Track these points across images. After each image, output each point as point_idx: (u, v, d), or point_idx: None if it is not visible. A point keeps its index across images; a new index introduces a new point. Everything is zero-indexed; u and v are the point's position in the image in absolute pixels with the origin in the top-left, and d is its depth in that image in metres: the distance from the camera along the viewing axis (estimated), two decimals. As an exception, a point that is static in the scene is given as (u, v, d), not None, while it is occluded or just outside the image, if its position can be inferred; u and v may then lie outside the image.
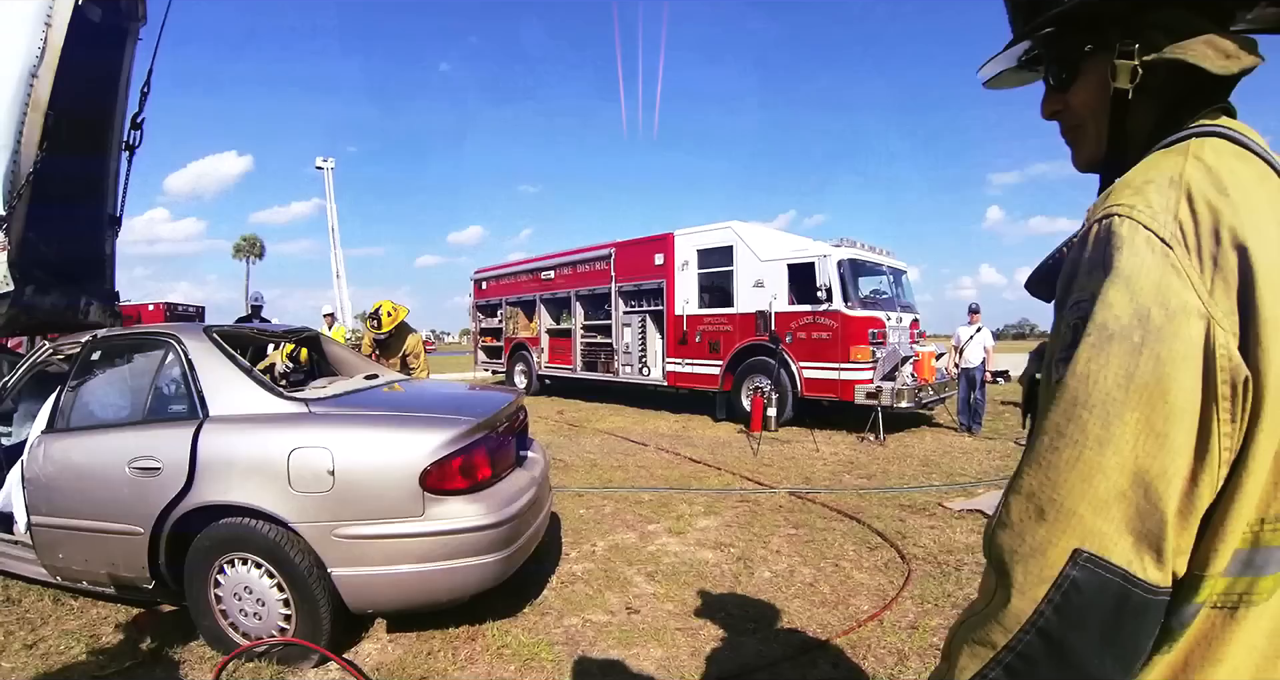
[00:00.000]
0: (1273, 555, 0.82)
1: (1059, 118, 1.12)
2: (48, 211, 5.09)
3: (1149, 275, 0.80)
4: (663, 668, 3.48)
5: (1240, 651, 0.83)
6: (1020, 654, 0.81)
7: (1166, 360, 0.77)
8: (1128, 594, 0.77)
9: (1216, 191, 0.81)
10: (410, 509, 3.36)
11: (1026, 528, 0.83)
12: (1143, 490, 0.77)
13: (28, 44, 4.63)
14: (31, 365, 4.59)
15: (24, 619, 4.08)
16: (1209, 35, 0.93)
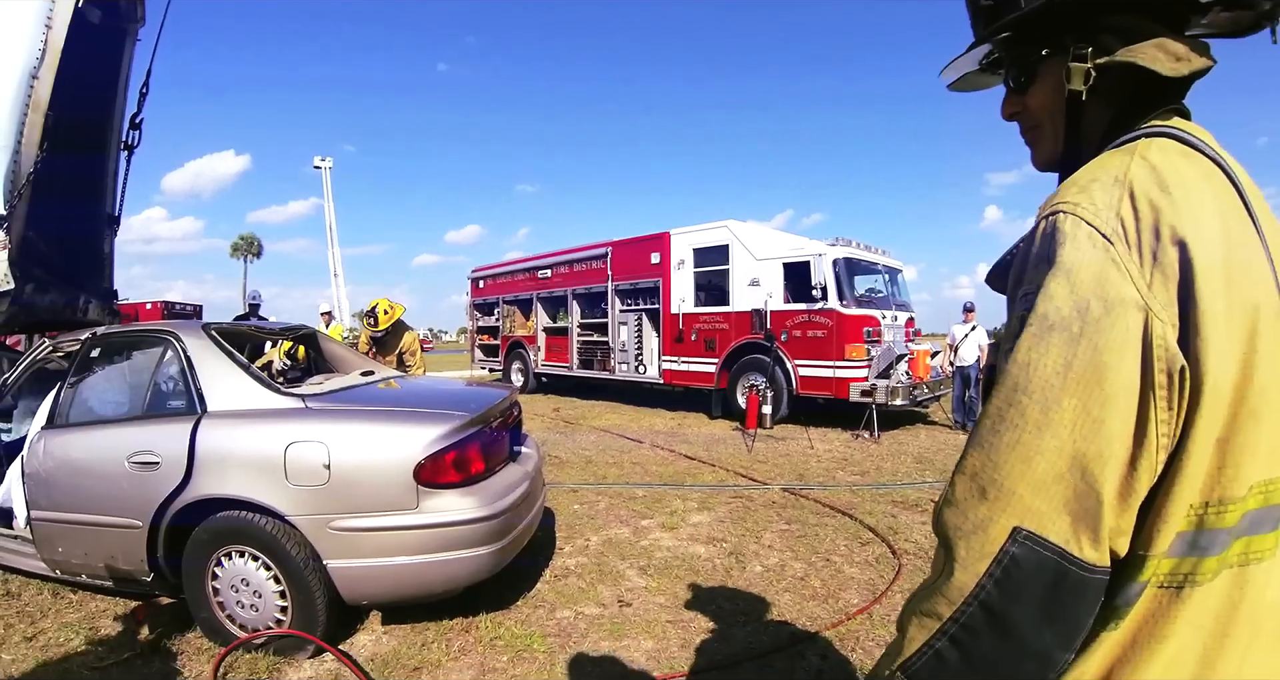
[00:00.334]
0: (1217, 537, 0.85)
1: (1018, 119, 1.16)
2: (48, 211, 5.15)
3: (1089, 269, 0.83)
4: (653, 659, 3.53)
5: (1186, 630, 0.86)
6: (964, 625, 0.84)
7: (1104, 350, 0.81)
8: (1065, 571, 0.80)
9: (1159, 190, 0.85)
10: (404, 502, 3.41)
11: (969, 506, 0.86)
12: (1079, 472, 0.80)
13: (29, 45, 4.68)
14: (31, 362, 4.64)
15: (24, 612, 4.12)
16: (1160, 39, 0.97)
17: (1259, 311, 0.84)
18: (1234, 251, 0.84)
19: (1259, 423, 0.83)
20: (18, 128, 4.69)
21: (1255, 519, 0.86)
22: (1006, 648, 0.83)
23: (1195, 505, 0.84)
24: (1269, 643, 0.90)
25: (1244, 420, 0.83)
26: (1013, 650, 0.83)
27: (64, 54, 4.80)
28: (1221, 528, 0.85)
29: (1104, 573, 0.82)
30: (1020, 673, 0.84)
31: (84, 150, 5.85)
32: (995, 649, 0.83)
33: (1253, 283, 0.85)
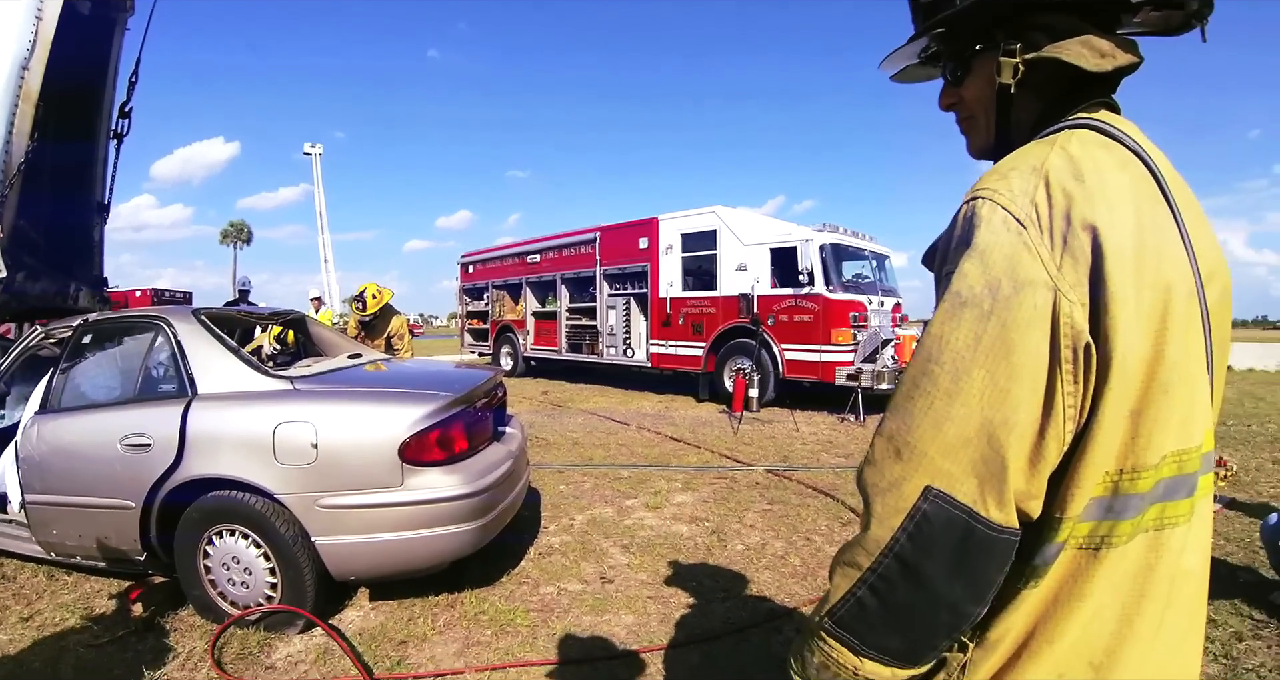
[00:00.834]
0: (1130, 502, 0.90)
1: (954, 109, 1.20)
2: (38, 199, 5.19)
3: (1002, 250, 0.88)
4: (632, 633, 3.64)
5: (1104, 589, 0.91)
6: (881, 575, 0.89)
7: (1011, 326, 0.86)
8: (972, 529, 0.85)
9: (1073, 179, 0.89)
10: (390, 479, 3.51)
11: (886, 465, 0.92)
12: (986, 438, 0.86)
13: (19, 37, 4.71)
14: (24, 349, 4.70)
15: (19, 594, 4.20)
16: (1086, 36, 1.01)
17: (1171, 292, 0.89)
18: (1145, 236, 0.89)
19: (1170, 396, 0.89)
20: (9, 118, 4.73)
21: (1169, 486, 0.93)
22: (920, 598, 0.88)
23: (1110, 472, 0.89)
24: (1188, 606, 0.98)
25: (1155, 394, 0.88)
26: (926, 600, 0.88)
27: (54, 45, 4.84)
28: (1135, 493, 0.90)
29: (1011, 533, 0.87)
30: (934, 622, 0.90)
31: (74, 139, 5.88)
32: (910, 599, 0.89)
33: (1165, 265, 0.90)
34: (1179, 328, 0.89)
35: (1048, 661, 0.93)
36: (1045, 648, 0.93)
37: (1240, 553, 4.50)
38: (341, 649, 3.33)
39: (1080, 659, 0.92)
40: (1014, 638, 0.94)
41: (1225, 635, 3.49)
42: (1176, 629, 0.97)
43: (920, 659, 0.93)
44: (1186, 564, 0.97)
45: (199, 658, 3.38)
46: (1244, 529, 4.90)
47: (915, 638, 0.92)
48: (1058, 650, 0.92)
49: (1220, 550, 4.56)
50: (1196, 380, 0.95)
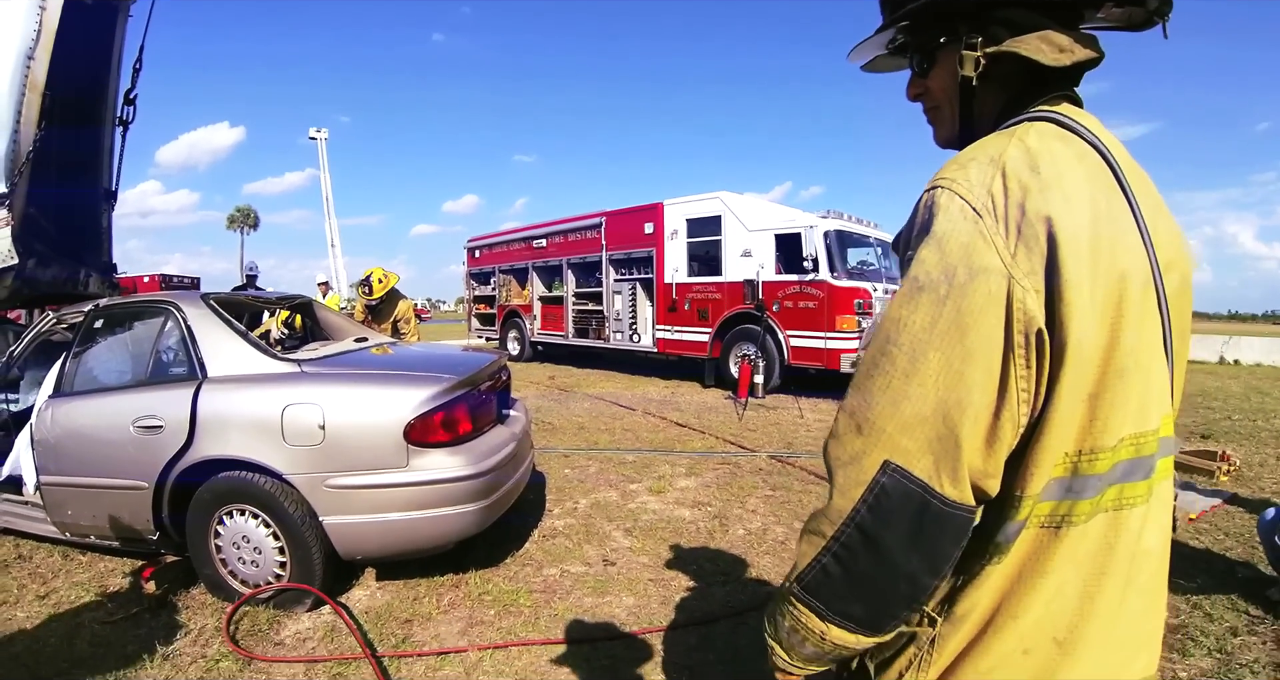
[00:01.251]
0: (1089, 482, 0.93)
1: (921, 100, 1.22)
2: (47, 187, 5.25)
3: (958, 238, 0.91)
4: (633, 614, 3.70)
5: (1065, 566, 0.94)
6: (844, 544, 0.93)
7: (966, 311, 0.89)
8: (927, 503, 0.89)
9: (1029, 170, 0.92)
10: (395, 460, 3.58)
11: (848, 440, 0.96)
12: (941, 418, 0.89)
13: (24, 27, 4.75)
14: (36, 334, 4.79)
15: (35, 573, 4.30)
16: (1045, 32, 1.04)
17: (1126, 280, 0.92)
18: (1100, 226, 0.92)
19: (1126, 381, 0.92)
20: (16, 108, 4.78)
21: (1127, 468, 0.96)
22: (880, 567, 0.92)
23: (1070, 453, 0.93)
24: (1148, 584, 1.02)
25: (1111, 378, 0.91)
26: (886, 570, 0.92)
27: (58, 34, 4.88)
28: (1093, 474, 0.93)
29: (965, 509, 0.90)
30: (893, 592, 0.94)
31: (80, 127, 5.91)
32: (870, 567, 0.93)
33: (1120, 254, 0.93)
34: (1134, 315, 0.93)
35: (1013, 636, 0.96)
36: (1010, 623, 0.96)
37: (1239, 548, 4.52)
38: (348, 627, 3.41)
39: (1044, 634, 0.96)
40: (980, 613, 0.98)
41: (1220, 630, 3.51)
42: (1137, 606, 1.01)
43: (882, 627, 0.97)
44: (1146, 543, 1.00)
45: (210, 634, 3.47)
46: (1244, 524, 4.91)
47: (876, 606, 0.96)
48: (1022, 625, 0.96)
49: (1219, 545, 4.59)
50: (1153, 366, 0.99)
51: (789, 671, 1.09)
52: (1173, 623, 3.57)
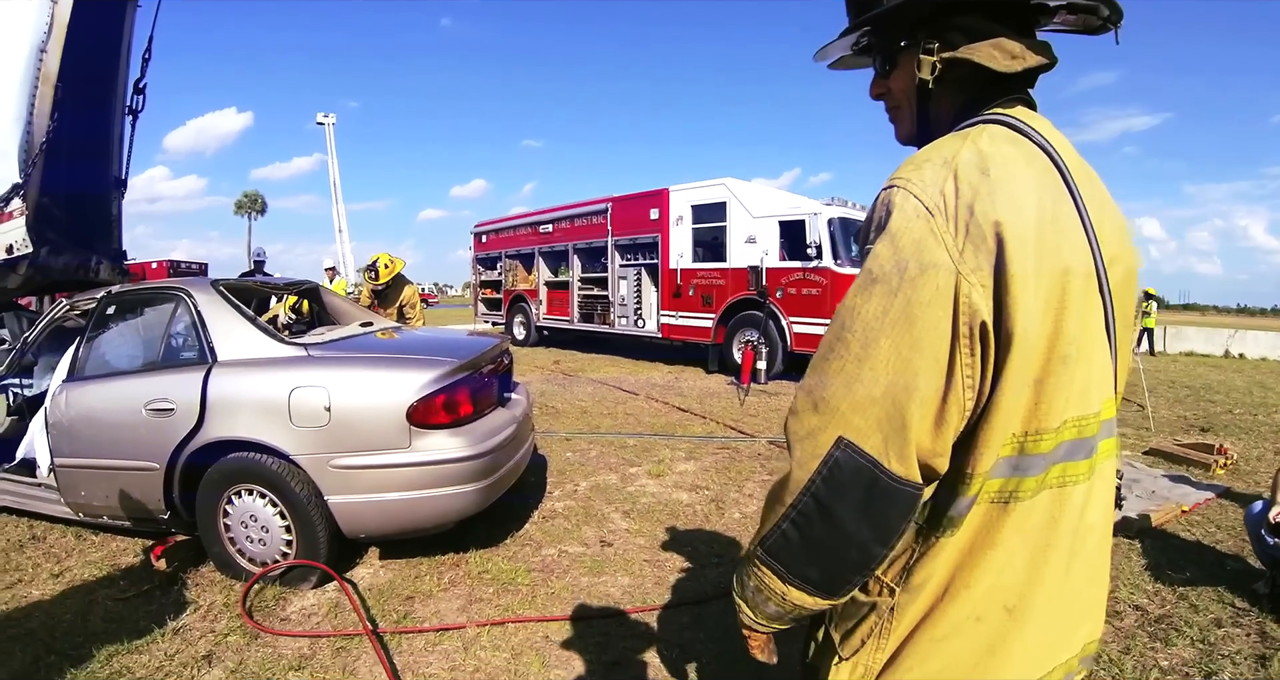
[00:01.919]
0: (1034, 462, 1.01)
1: (884, 99, 1.28)
2: (58, 177, 5.34)
3: (910, 235, 0.97)
4: (627, 594, 3.82)
5: (1014, 538, 1.02)
6: (801, 512, 1.00)
7: (914, 303, 0.94)
8: (876, 477, 0.95)
9: (979, 173, 0.97)
10: (398, 441, 3.69)
11: (805, 416, 1.02)
12: (890, 400, 0.95)
13: (36, 20, 4.84)
14: (50, 321, 4.91)
15: (49, 553, 4.42)
16: (998, 39, 1.10)
17: (1069, 275, 0.99)
18: (1045, 226, 0.97)
19: (1069, 367, 0.99)
20: (29, 100, 4.86)
21: (1070, 448, 1.04)
22: (833, 534, 0.99)
23: (1016, 434, 1.00)
24: (1092, 556, 1.12)
25: (1055, 365, 0.98)
26: (839, 537, 0.99)
27: (69, 26, 4.96)
28: (1038, 453, 1.01)
29: (911, 485, 0.96)
30: (845, 558, 1.01)
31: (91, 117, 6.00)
32: (825, 534, 0.99)
33: (1064, 251, 0.99)
34: (1077, 306, 1.00)
35: (966, 604, 1.04)
36: (964, 592, 1.04)
37: (1230, 541, 4.57)
38: (351, 604, 3.53)
39: (995, 602, 1.04)
40: (936, 583, 1.05)
41: (1205, 621, 3.57)
42: (1082, 577, 1.09)
43: (836, 591, 1.05)
44: (1089, 518, 1.09)
45: (219, 610, 3.60)
46: (1237, 518, 4.93)
47: (831, 570, 1.03)
48: (975, 594, 1.03)
49: (1211, 538, 4.66)
50: (1095, 354, 1.07)
51: (754, 628, 1.18)
52: (1158, 613, 3.65)
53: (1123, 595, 3.83)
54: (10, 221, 4.94)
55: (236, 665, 3.11)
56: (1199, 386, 12.89)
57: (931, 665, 1.06)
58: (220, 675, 3.05)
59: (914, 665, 1.07)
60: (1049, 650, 1.09)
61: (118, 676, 3.03)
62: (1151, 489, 5.67)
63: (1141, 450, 7.24)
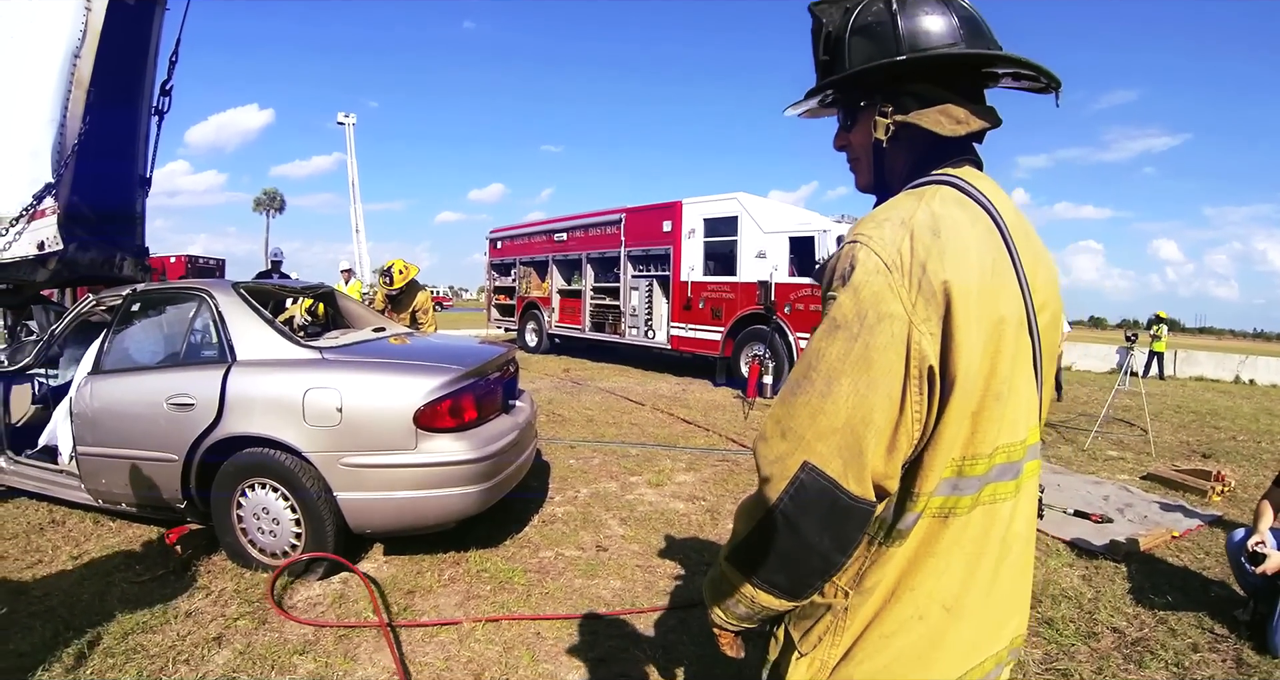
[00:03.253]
0: (970, 482, 1.16)
1: (845, 150, 1.42)
2: (87, 176, 5.56)
3: (870, 288, 1.09)
4: (618, 596, 3.98)
5: (952, 547, 1.17)
6: (770, 526, 1.12)
7: (872, 348, 1.07)
8: (836, 497, 1.07)
9: (931, 234, 1.10)
10: (405, 443, 3.88)
11: (774, 442, 1.13)
12: (849, 430, 1.07)
13: (71, 27, 5.06)
14: (77, 315, 5.13)
15: (69, 537, 4.63)
16: (946, 105, 1.24)
17: (1004, 324, 1.13)
18: (986, 280, 1.11)
19: (1001, 403, 1.14)
20: (63, 103, 5.07)
21: (1000, 470, 1.18)
22: (798, 545, 1.12)
23: (956, 458, 1.14)
24: (1017, 560, 1.28)
25: (990, 400, 1.13)
26: (802, 547, 1.12)
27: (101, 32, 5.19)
28: (974, 475, 1.16)
29: (866, 504, 1.09)
30: (809, 565, 1.14)
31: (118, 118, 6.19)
32: (791, 545, 1.12)
33: (1001, 302, 1.13)
34: (1010, 350, 1.15)
35: (910, 605, 1.18)
36: (908, 594, 1.18)
37: (1217, 567, 4.61)
38: (369, 597, 3.71)
39: (935, 602, 1.18)
40: (885, 587, 1.19)
41: (1182, 645, 3.65)
42: (1009, 580, 1.25)
43: (800, 594, 1.18)
44: (1015, 529, 1.25)
45: (229, 596, 3.79)
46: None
47: (795, 576, 1.16)
48: (918, 595, 1.18)
49: (1198, 564, 4.73)
50: (1023, 389, 1.23)
51: (724, 627, 1.32)
52: (1135, 635, 3.74)
53: (1102, 617, 3.91)
54: (43, 219, 5.15)
55: (245, 647, 3.31)
56: (1205, 412, 12.90)
57: (881, 658, 1.20)
58: (229, 656, 3.24)
59: (865, 658, 1.20)
60: (982, 643, 1.25)
61: (133, 653, 3.24)
62: (1144, 514, 5.77)
63: (1139, 475, 7.29)
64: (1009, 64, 1.27)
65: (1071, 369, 21.41)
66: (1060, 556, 4.78)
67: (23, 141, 5.10)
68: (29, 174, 5.06)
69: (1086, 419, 10.43)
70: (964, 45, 1.24)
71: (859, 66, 1.28)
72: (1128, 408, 11.81)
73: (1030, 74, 1.27)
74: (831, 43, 1.34)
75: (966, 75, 1.30)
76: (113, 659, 3.19)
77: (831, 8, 1.36)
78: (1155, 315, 20.45)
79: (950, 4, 1.27)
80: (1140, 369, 18.36)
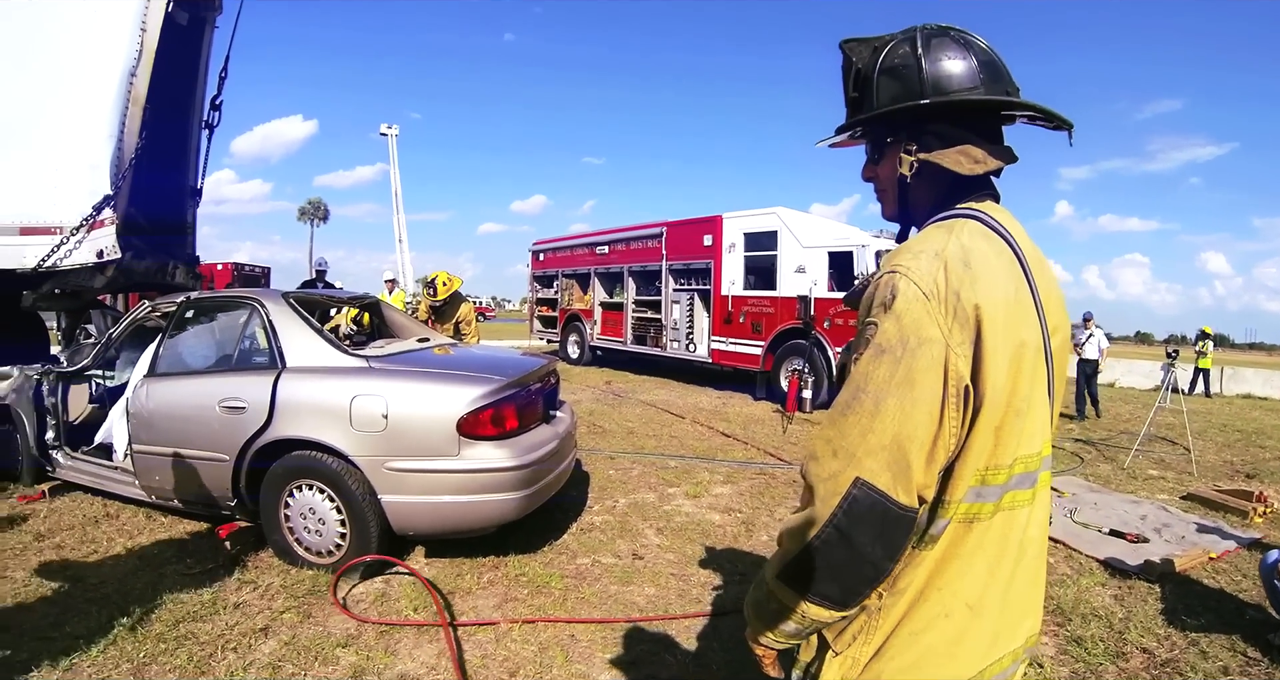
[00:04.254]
0: (992, 490, 1.24)
1: (872, 182, 1.52)
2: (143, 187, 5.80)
3: (912, 315, 1.18)
4: (651, 603, 4.06)
5: (975, 550, 1.26)
6: (824, 540, 1.18)
7: (915, 369, 1.16)
8: (887, 509, 1.15)
9: (963, 265, 1.20)
10: (448, 449, 4.01)
11: (826, 462, 1.20)
12: (896, 446, 1.15)
13: (128, 48, 5.31)
14: (133, 320, 5.38)
15: (122, 529, 4.85)
16: (965, 146, 1.34)
17: (1025, 346, 1.23)
18: (1010, 308, 1.22)
19: (1021, 418, 1.23)
20: (120, 120, 5.32)
21: (1018, 480, 1.27)
22: (852, 556, 1.17)
23: (980, 469, 1.22)
24: (1032, 563, 1.36)
25: (1011, 416, 1.22)
26: (855, 558, 1.17)
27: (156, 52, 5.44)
28: (995, 484, 1.24)
29: (913, 512, 1.17)
30: (861, 574, 1.20)
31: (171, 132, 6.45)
32: (844, 557, 1.18)
33: (1023, 328, 1.24)
34: (1029, 371, 1.24)
35: (938, 604, 1.26)
36: (936, 594, 1.26)
37: (1254, 590, 4.52)
38: (432, 599, 3.82)
39: (960, 601, 1.26)
40: (915, 587, 1.27)
41: (1212, 668, 3.60)
42: (1025, 580, 1.34)
43: (850, 603, 1.23)
44: (1030, 533, 1.33)
45: (275, 590, 3.95)
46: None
47: (847, 586, 1.21)
48: (945, 595, 1.26)
49: (1235, 586, 4.64)
50: (1039, 405, 1.31)
51: (771, 647, 1.37)
52: (1165, 656, 3.71)
53: (1132, 637, 3.88)
54: (102, 229, 5.39)
55: (290, 639, 3.45)
56: (1251, 431, 12.59)
57: (910, 654, 1.27)
58: (275, 646, 3.39)
59: (895, 654, 1.27)
60: (1001, 640, 1.32)
61: (184, 639, 3.40)
62: (1181, 534, 5.68)
63: (1179, 495, 7.18)
64: (1024, 108, 1.37)
65: (1115, 386, 21.03)
66: (1093, 575, 4.75)
67: (83, 156, 5.36)
68: (89, 186, 5.31)
69: (1128, 437, 10.29)
70: (983, 90, 1.34)
71: (885, 107, 1.39)
72: (1171, 426, 11.62)
73: (1040, 116, 1.38)
74: (860, 80, 1.45)
75: (985, 117, 1.39)
76: (164, 644, 3.36)
77: (861, 46, 1.46)
78: (1201, 331, 20.12)
79: (971, 48, 1.37)
80: (1185, 386, 17.94)
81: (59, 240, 5.28)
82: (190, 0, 6.29)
